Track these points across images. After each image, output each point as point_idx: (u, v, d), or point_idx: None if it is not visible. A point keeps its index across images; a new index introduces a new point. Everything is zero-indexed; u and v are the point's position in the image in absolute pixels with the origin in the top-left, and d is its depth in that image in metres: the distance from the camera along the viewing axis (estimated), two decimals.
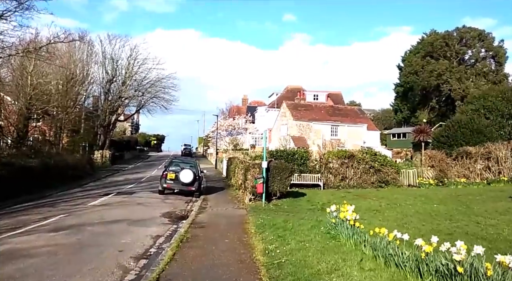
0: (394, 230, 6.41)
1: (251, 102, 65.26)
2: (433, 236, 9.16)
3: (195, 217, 12.05)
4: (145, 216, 12.30)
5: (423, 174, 22.90)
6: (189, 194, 17.37)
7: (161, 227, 10.70)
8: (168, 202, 15.73)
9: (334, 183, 20.73)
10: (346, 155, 21.28)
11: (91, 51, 39.32)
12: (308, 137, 34.76)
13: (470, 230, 9.31)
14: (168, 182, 17.12)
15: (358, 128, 37.03)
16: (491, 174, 22.86)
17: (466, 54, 55.70)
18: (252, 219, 11.23)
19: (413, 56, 58.32)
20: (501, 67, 52.34)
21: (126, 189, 19.69)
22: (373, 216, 11.83)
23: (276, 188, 14.34)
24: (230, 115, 58.12)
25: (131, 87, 42.91)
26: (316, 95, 45.49)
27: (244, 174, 15.57)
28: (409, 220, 11.04)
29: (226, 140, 47.26)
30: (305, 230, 8.98)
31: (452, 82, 51.24)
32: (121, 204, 14.68)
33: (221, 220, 11.51)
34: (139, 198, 16.63)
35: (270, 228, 9.47)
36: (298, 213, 12.38)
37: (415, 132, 34.25)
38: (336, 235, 8.12)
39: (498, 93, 28.22)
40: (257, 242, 8.12)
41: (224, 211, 13.52)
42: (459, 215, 11.82)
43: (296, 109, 37.45)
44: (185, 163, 18.74)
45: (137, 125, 78.73)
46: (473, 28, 54.96)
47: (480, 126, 26.32)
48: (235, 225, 10.59)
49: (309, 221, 10.48)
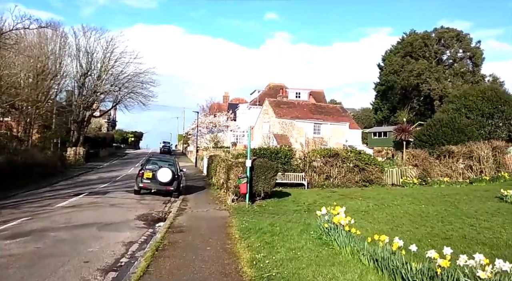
0: (395, 238, 5.75)
1: (232, 100, 64.26)
2: (429, 240, 8.68)
3: (174, 220, 11.12)
4: (118, 219, 11.28)
5: (407, 173, 22.69)
6: (167, 194, 16.38)
7: (136, 232, 9.74)
8: (145, 203, 14.71)
9: (318, 182, 20.17)
10: (331, 153, 20.77)
11: (64, 43, 37.25)
12: (291, 135, 34.19)
13: (466, 233, 8.83)
14: (145, 182, 16.06)
15: (340, 127, 36.77)
16: (473, 173, 22.92)
17: (444, 54, 56.67)
18: (236, 222, 10.41)
19: (393, 55, 58.86)
20: (478, 68, 53.44)
21: (99, 189, 18.47)
22: (362, 217, 11.25)
23: (260, 188, 13.57)
24: (211, 112, 56.93)
25: (107, 82, 41.01)
26: (298, 92, 45.01)
27: (226, 173, 14.72)
28: (401, 223, 10.52)
29: (207, 137, 46.12)
30: (294, 235, 8.25)
31: (431, 82, 51.93)
32: (92, 206, 13.55)
33: (202, 224, 10.63)
34: (113, 198, 15.51)
35: (256, 232, 8.68)
36: (284, 215, 11.65)
37: (397, 131, 34.21)
38: (329, 241, 7.41)
39: (479, 93, 28.48)
40: (243, 250, 7.31)
41: (205, 213, 12.64)
42: (450, 216, 11.40)
43: (279, 106, 36.81)
44: (163, 161, 17.69)
45: (114, 121, 76.15)
46: (451, 28, 55.91)
47: (461, 125, 26.46)
48: (218, 229, 9.75)
49: (297, 224, 9.77)
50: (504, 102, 27.00)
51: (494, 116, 26.85)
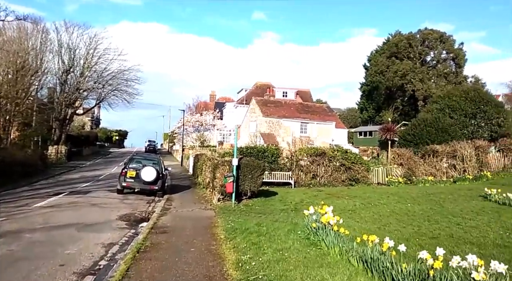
0: (385, 238, 5.61)
1: (219, 98, 63.80)
2: (417, 239, 8.60)
3: (157, 220, 10.78)
4: (99, 220, 10.87)
5: (392, 172, 22.82)
6: (151, 193, 15.97)
7: (117, 233, 9.37)
8: (128, 203, 14.28)
9: (305, 181, 20.07)
10: (318, 152, 20.69)
11: (46, 39, 36.19)
12: (278, 134, 34.05)
13: (453, 232, 8.80)
14: (128, 181, 15.62)
15: (327, 126, 36.84)
16: (457, 172, 23.21)
17: (428, 55, 57.50)
18: (222, 222, 10.15)
19: (378, 56, 59.43)
20: (461, 69, 54.41)
21: (81, 188, 17.91)
22: (349, 216, 11.15)
23: (247, 187, 13.33)
24: (197, 111, 56.33)
25: (90, 79, 40.03)
26: (285, 92, 44.94)
27: (212, 172, 14.43)
28: (388, 222, 10.45)
29: (193, 136, 45.58)
30: (281, 236, 8.04)
31: (415, 82, 52.62)
32: (72, 206, 13.06)
33: (186, 224, 10.33)
34: (95, 198, 15.02)
35: (242, 233, 8.44)
36: (271, 215, 11.44)
37: (382, 130, 34.45)
38: (317, 242, 7.24)
39: (462, 93, 28.87)
40: (228, 251, 7.07)
41: (190, 213, 12.33)
42: (436, 215, 11.42)
43: (266, 105, 36.63)
44: (147, 159, 17.25)
45: (98, 119, 74.62)
46: (435, 30, 56.75)
47: (445, 125, 26.77)
48: (203, 230, 9.47)
49: (285, 224, 9.58)
50: (486, 102, 27.45)
51: (477, 116, 27.27)
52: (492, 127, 26.89)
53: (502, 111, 27.83)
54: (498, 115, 26.96)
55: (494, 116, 26.86)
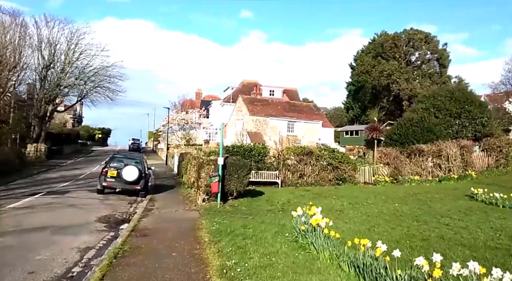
0: (377, 242, 5.32)
1: (205, 97, 63.10)
2: (407, 241, 8.36)
3: (138, 222, 10.29)
4: (76, 222, 10.30)
5: (378, 172, 22.78)
6: (133, 193, 15.41)
7: (94, 236, 8.86)
8: (108, 203, 13.69)
9: (292, 180, 19.79)
10: (305, 151, 20.45)
11: (25, 33, 34.91)
12: (265, 133, 33.72)
13: (443, 234, 8.63)
14: (109, 180, 15.02)
15: (314, 125, 36.72)
16: (442, 171, 23.34)
17: (413, 55, 58.08)
18: (206, 223, 9.74)
19: (365, 56, 59.73)
20: (445, 70, 55.17)
21: (59, 188, 17.17)
22: (337, 217, 10.89)
23: (233, 187, 12.94)
24: (183, 109, 55.46)
25: (72, 75, 38.77)
26: (272, 90, 44.63)
27: (197, 172, 13.98)
28: (376, 222, 10.24)
29: (178, 134, 44.83)
30: (268, 238, 7.69)
31: (400, 82, 53.06)
32: (48, 206, 12.42)
33: (169, 226, 9.88)
34: (73, 198, 14.37)
35: (228, 235, 8.05)
36: (257, 216, 11.09)
37: (368, 129, 34.53)
38: (305, 245, 6.92)
39: (447, 93, 29.07)
40: (212, 255, 6.67)
41: (174, 214, 11.86)
42: (425, 215, 11.29)
43: (253, 104, 36.25)
44: (129, 158, 16.64)
45: (80, 117, 72.76)
46: (420, 30, 57.33)
47: (430, 124, 26.90)
48: (186, 232, 9.04)
49: (272, 226, 9.24)
50: (471, 102, 27.70)
51: (461, 116, 27.49)
52: (476, 126, 27.17)
53: (486, 111, 28.17)
54: (482, 115, 27.26)
55: (478, 116, 27.15)
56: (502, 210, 11.82)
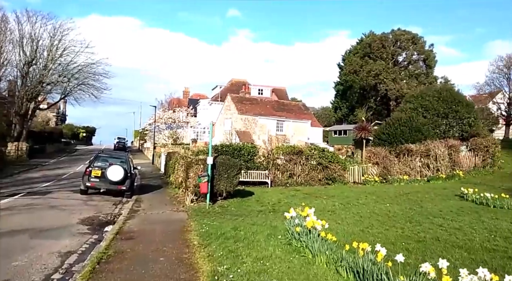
0: (377, 245, 5.06)
1: (193, 95, 62.41)
2: (403, 243, 8.13)
3: (123, 224, 9.84)
4: (57, 224, 9.79)
5: (368, 171, 22.73)
6: (118, 194, 14.89)
7: (76, 239, 8.39)
8: (92, 204, 13.16)
9: (281, 180, 19.54)
10: (295, 151, 20.22)
11: (5, 28, 33.76)
12: (254, 132, 33.41)
13: (438, 235, 8.45)
14: (93, 180, 14.46)
15: (303, 124, 36.59)
16: (430, 171, 23.45)
17: (400, 56, 58.62)
18: (195, 225, 9.36)
19: (352, 56, 59.98)
20: (431, 70, 55.83)
21: (41, 188, 16.50)
22: (329, 218, 10.64)
23: (222, 187, 12.58)
24: (170, 108, 54.67)
25: (55, 72, 37.57)
26: (261, 89, 44.37)
27: (185, 171, 13.56)
28: (370, 223, 10.04)
29: (165, 133, 44.09)
30: (261, 241, 7.38)
31: (388, 82, 53.47)
32: (28, 208, 11.82)
33: (156, 228, 9.46)
34: (55, 199, 13.77)
35: (218, 238, 7.71)
36: (248, 217, 10.76)
37: (357, 129, 34.56)
38: (300, 248, 6.63)
39: (435, 93, 29.29)
40: (202, 260, 6.32)
41: (161, 215, 11.43)
42: (417, 216, 11.17)
43: (241, 102, 35.88)
44: (114, 158, 16.08)
45: (64, 115, 71.01)
46: (407, 31, 57.88)
47: (418, 124, 27.03)
48: (174, 235, 8.64)
49: (263, 227, 8.92)
50: (458, 102, 27.96)
51: (449, 116, 27.73)
52: (463, 126, 27.44)
53: (473, 111, 28.49)
54: (469, 115, 27.55)
55: (465, 116, 27.42)
56: (494, 210, 11.80)
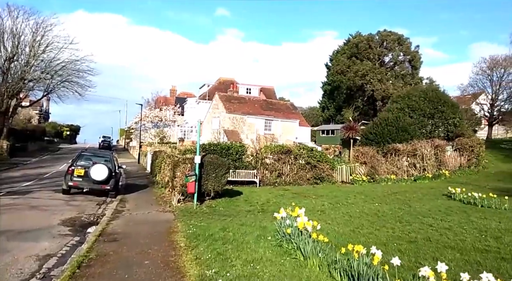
0: (372, 248, 4.90)
1: (180, 94, 61.70)
2: (395, 244, 8.00)
3: (107, 225, 9.47)
4: (37, 225, 9.35)
5: (356, 171, 22.76)
6: (102, 193, 14.44)
7: (57, 241, 8.00)
8: (74, 205, 12.70)
9: (270, 179, 19.36)
10: (283, 150, 20.07)
11: None
12: (242, 131, 33.14)
13: (429, 235, 8.37)
14: (76, 180, 13.98)
15: (291, 124, 36.51)
16: (417, 171, 23.63)
17: (386, 56, 59.21)
18: (182, 226, 9.07)
19: (340, 56, 60.27)
20: (417, 71, 56.54)
21: (21, 188, 15.88)
22: (319, 218, 10.48)
23: (210, 187, 12.30)
24: (157, 106, 53.81)
25: (37, 68, 36.47)
26: (249, 88, 44.09)
27: (172, 171, 13.23)
28: (360, 223, 9.93)
29: (152, 132, 43.37)
30: (250, 243, 7.15)
31: (374, 83, 53.93)
32: (7, 208, 11.29)
33: (141, 229, 9.12)
34: (36, 199, 13.24)
35: (206, 240, 7.45)
36: (236, 217, 10.52)
37: (345, 129, 34.68)
38: (291, 250, 6.43)
39: (421, 93, 29.57)
40: (190, 263, 6.05)
41: (146, 216, 11.09)
42: (406, 216, 11.11)
43: (229, 101, 35.56)
44: (98, 156, 15.59)
45: (47, 113, 69.28)
46: (393, 32, 58.47)
47: (405, 124, 27.23)
48: (160, 237, 8.33)
49: (253, 228, 8.70)
50: (444, 103, 28.30)
51: (435, 116, 28.04)
52: (449, 127, 27.78)
53: (458, 112, 28.87)
54: (454, 116, 27.91)
55: (450, 116, 27.77)
56: (481, 209, 11.85)
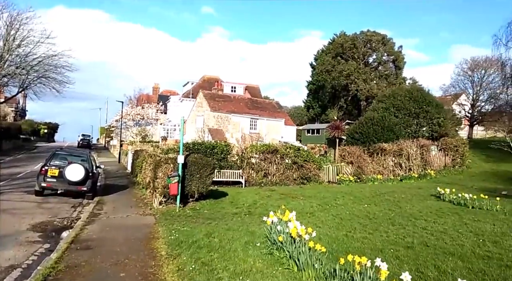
0: (376, 260, 4.41)
1: (163, 91, 60.42)
2: (391, 249, 7.54)
3: (81, 230, 8.72)
4: (3, 231, 8.52)
5: (342, 170, 22.47)
6: (79, 195, 13.57)
7: (23, 250, 7.23)
8: (47, 207, 11.82)
9: (256, 180, 18.82)
10: (270, 149, 19.55)
11: None
12: (227, 130, 32.45)
13: (426, 240, 7.96)
14: (49, 181, 13.05)
15: (276, 123, 36.05)
16: (403, 170, 23.55)
17: (371, 56, 59.58)
18: (164, 232, 8.41)
19: (325, 55, 60.29)
20: (400, 71, 57.11)
21: None
22: (309, 221, 10.04)
23: (194, 188, 11.65)
24: (139, 104, 52.45)
25: (12, 63, 34.79)
26: (234, 87, 43.37)
27: (153, 171, 12.50)
28: (352, 227, 9.48)
29: (133, 131, 42.12)
30: (238, 251, 6.57)
31: (359, 82, 54.17)
32: None
33: (118, 235, 8.41)
34: (5, 201, 12.26)
35: (189, 247, 6.83)
36: (222, 220, 9.92)
37: (330, 128, 34.46)
38: (283, 259, 5.89)
39: (406, 93, 29.60)
40: (171, 276, 5.43)
41: (125, 220, 10.35)
42: (398, 218, 10.75)
43: (214, 99, 34.81)
44: (74, 155, 14.67)
45: (23, 110, 66.70)
46: (377, 32, 58.88)
47: (391, 123, 27.18)
48: (139, 244, 7.65)
49: (240, 233, 8.12)
50: (428, 103, 28.40)
51: (420, 115, 28.10)
52: (433, 126, 27.87)
53: (442, 112, 29.02)
54: (439, 116, 28.03)
55: (435, 116, 27.87)
56: (473, 211, 11.62)
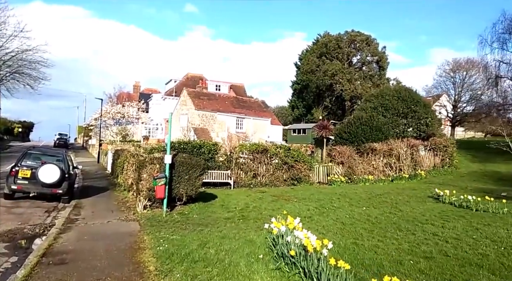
0: None
1: (144, 90, 58.66)
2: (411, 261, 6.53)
3: (55, 240, 7.63)
4: None
5: (333, 171, 21.88)
6: (54, 198, 12.36)
7: None
8: (17, 213, 10.60)
9: (245, 181, 17.93)
10: (259, 149, 18.70)
11: None
12: (212, 129, 31.43)
13: (444, 249, 7.23)
14: (20, 183, 11.81)
15: (263, 122, 35.28)
16: (393, 171, 23.17)
17: (355, 56, 59.70)
18: (150, 241, 7.43)
19: (309, 55, 60.02)
20: (384, 72, 57.44)
21: None
22: (309, 226, 9.22)
23: (182, 191, 10.67)
24: (119, 102, 50.57)
25: None
26: (218, 85, 42.34)
27: (137, 172, 11.45)
28: (357, 233, 8.75)
29: (113, 129, 40.45)
30: (240, 265, 5.68)
31: (343, 82, 54.12)
32: None
33: (98, 246, 7.37)
34: None
35: (182, 261, 5.90)
36: (215, 226, 8.99)
37: (318, 128, 33.98)
38: (293, 276, 5.05)
39: (394, 93, 29.40)
40: None
41: (105, 227, 9.28)
42: (402, 222, 10.10)
43: (199, 98, 33.71)
44: (48, 155, 13.40)
45: None
46: (361, 32, 59.05)
47: (379, 123, 26.86)
48: (122, 256, 6.65)
49: (237, 242, 7.22)
50: (416, 103, 28.25)
51: (408, 115, 27.91)
52: (421, 126, 27.73)
53: (430, 112, 28.95)
54: (427, 116, 27.92)
55: (423, 116, 27.73)
56: (478, 214, 11.11)
